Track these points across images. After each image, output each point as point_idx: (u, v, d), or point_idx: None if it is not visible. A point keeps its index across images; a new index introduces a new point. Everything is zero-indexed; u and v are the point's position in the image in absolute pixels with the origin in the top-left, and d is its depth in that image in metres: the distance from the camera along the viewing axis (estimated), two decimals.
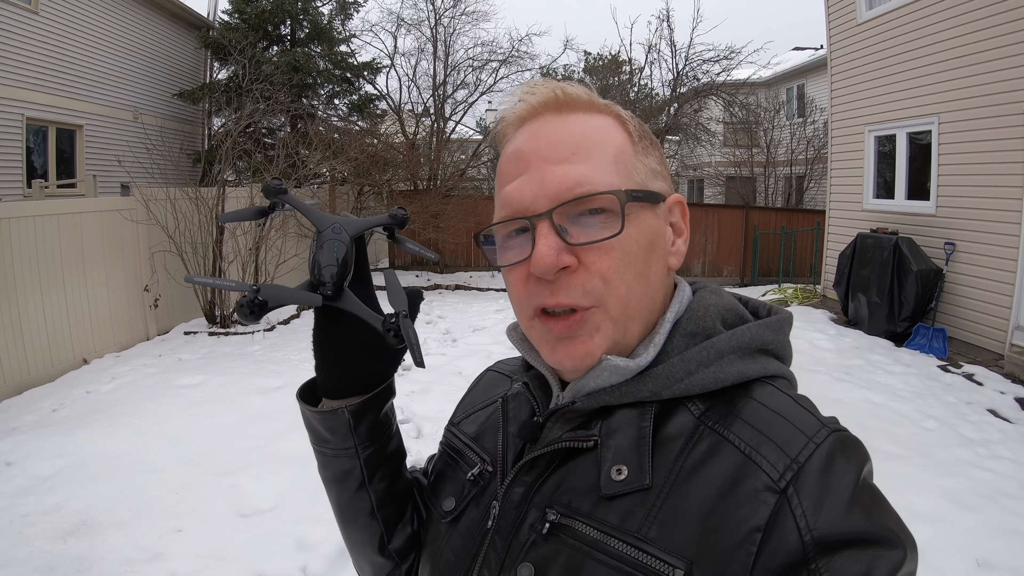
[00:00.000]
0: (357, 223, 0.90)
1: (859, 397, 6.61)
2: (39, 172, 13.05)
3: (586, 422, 0.82)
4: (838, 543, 0.63)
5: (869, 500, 0.68)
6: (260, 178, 11.95)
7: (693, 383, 0.77)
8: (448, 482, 0.99)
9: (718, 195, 24.20)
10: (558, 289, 0.77)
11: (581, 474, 0.78)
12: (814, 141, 20.24)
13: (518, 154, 0.82)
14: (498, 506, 0.85)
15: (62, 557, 4.02)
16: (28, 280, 7.60)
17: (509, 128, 0.87)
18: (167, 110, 16.95)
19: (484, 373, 1.17)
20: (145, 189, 9.80)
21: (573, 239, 0.77)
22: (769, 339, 0.82)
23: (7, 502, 4.59)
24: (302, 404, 0.97)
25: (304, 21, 18.60)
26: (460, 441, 1.03)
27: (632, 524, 0.71)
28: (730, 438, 0.72)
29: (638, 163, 0.83)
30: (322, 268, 0.84)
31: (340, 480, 0.98)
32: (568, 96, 0.83)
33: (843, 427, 0.73)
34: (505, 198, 0.82)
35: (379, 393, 0.95)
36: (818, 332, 9.20)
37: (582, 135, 0.81)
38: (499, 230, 0.84)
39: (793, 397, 0.77)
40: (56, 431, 5.73)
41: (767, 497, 0.66)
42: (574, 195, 0.77)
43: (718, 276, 17.01)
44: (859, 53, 10.41)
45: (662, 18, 21.48)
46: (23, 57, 12.28)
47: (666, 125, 20.83)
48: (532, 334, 0.84)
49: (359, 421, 0.94)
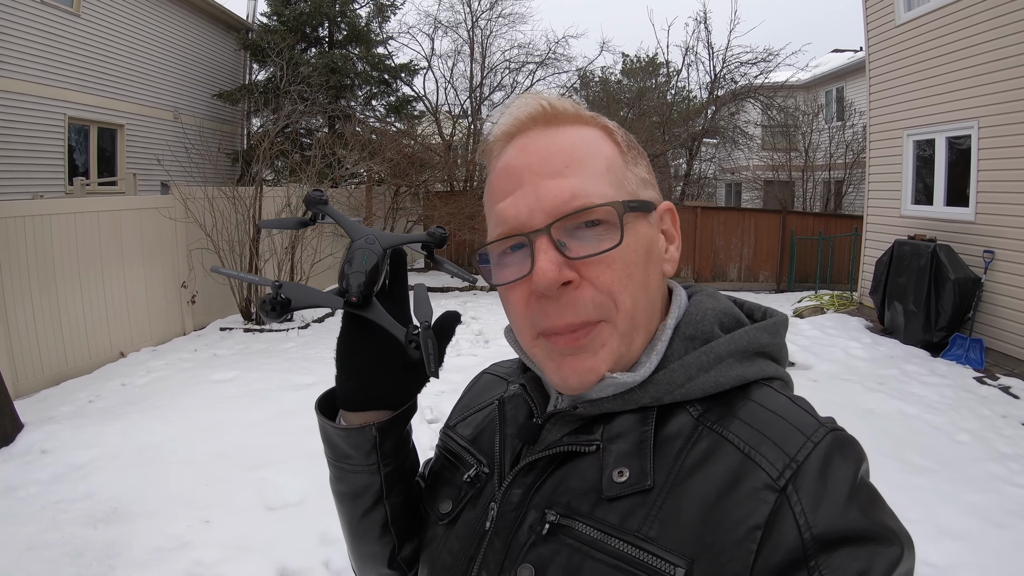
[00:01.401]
0: (392, 237, 0.89)
1: (892, 408, 6.51)
2: (81, 170, 13.31)
3: (586, 425, 0.82)
4: (837, 540, 0.64)
5: (867, 498, 0.68)
6: (297, 178, 12.08)
7: (694, 387, 0.77)
8: (445, 484, 0.99)
9: (756, 199, 23.95)
10: (564, 308, 0.77)
11: (581, 476, 0.78)
12: (853, 145, 19.80)
13: (510, 169, 0.82)
14: (496, 507, 0.84)
15: (92, 543, 4.14)
16: (68, 275, 7.80)
17: (497, 143, 0.86)
18: (206, 110, 17.24)
19: (479, 376, 1.17)
20: (184, 188, 10.02)
21: (573, 253, 0.76)
22: (766, 342, 0.82)
23: (41, 488, 4.74)
24: (323, 420, 0.95)
25: (342, 23, 18.82)
26: (456, 444, 1.02)
27: (633, 524, 0.71)
28: (729, 438, 0.73)
29: (628, 173, 0.84)
30: (349, 275, 0.83)
31: (358, 495, 0.97)
32: (556, 109, 0.83)
33: (840, 427, 0.74)
34: (500, 215, 0.81)
35: (406, 410, 0.94)
36: (853, 340, 9.07)
37: (573, 148, 0.80)
38: (495, 248, 0.83)
39: (790, 398, 0.77)
40: (91, 421, 5.88)
41: (767, 495, 0.67)
42: (571, 208, 0.76)
43: (754, 281, 16.81)
44: (898, 55, 10.22)
45: (699, 20, 21.50)
46: (65, 58, 12.56)
47: (703, 128, 20.70)
48: (536, 353, 0.83)
49: (385, 439, 0.92)
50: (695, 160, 22.30)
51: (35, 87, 11.89)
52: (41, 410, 6.43)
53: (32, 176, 11.88)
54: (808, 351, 8.46)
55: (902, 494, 4.52)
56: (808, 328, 9.66)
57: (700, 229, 16.68)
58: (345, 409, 0.93)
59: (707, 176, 24.85)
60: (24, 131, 11.74)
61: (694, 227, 16.66)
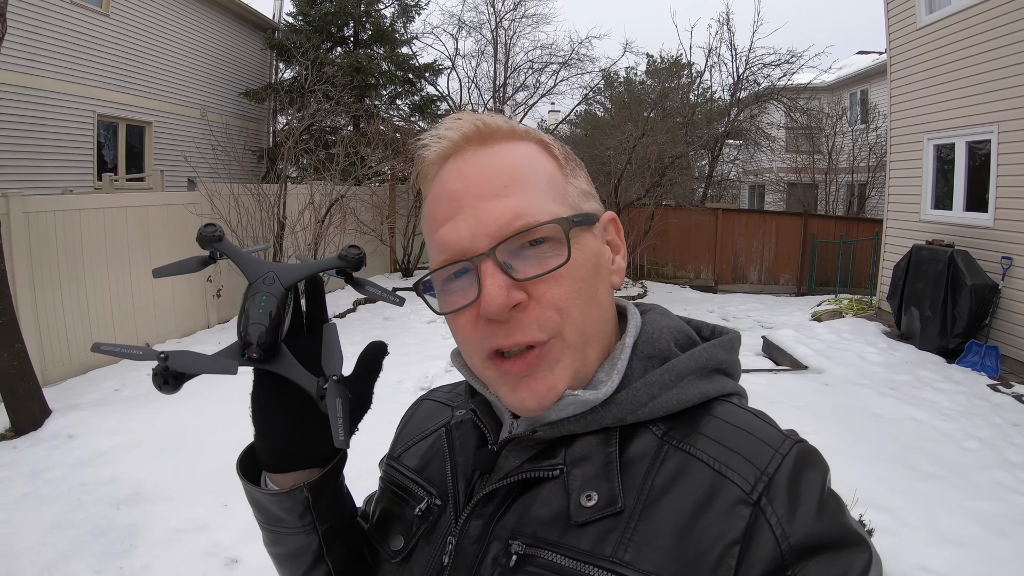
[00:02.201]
0: (295, 271, 0.81)
1: (902, 413, 6.48)
2: (109, 166, 13.62)
3: (547, 450, 0.80)
4: (813, 548, 0.65)
5: (836, 506, 0.70)
6: (321, 176, 12.27)
7: (657, 406, 0.77)
8: (394, 520, 0.93)
9: (779, 202, 23.74)
10: (513, 329, 0.75)
11: (545, 503, 0.76)
12: (876, 148, 19.53)
13: (448, 194, 0.79)
14: (455, 541, 0.80)
15: (115, 523, 4.35)
16: (96, 267, 8.04)
17: (431, 167, 0.83)
18: (233, 108, 17.47)
19: (419, 403, 1.11)
20: (210, 184, 10.28)
21: (520, 274, 0.75)
22: (724, 358, 0.83)
23: (67, 472, 4.97)
24: (248, 485, 0.88)
25: (367, 23, 19.00)
26: (403, 476, 0.97)
27: (606, 548, 0.69)
28: (698, 455, 0.72)
29: (569, 186, 0.82)
30: (248, 326, 0.75)
31: (296, 556, 0.91)
32: (489, 127, 0.81)
33: (803, 438, 0.74)
34: (441, 241, 0.78)
35: (338, 462, 0.89)
36: (869, 345, 9.03)
37: (512, 166, 0.78)
38: (438, 275, 0.80)
39: (753, 412, 0.78)
40: (116, 409, 6.09)
41: (741, 510, 0.67)
42: (515, 229, 0.74)
43: (774, 284, 16.75)
44: (919, 59, 10.13)
45: (722, 21, 21.48)
46: (95, 57, 12.81)
47: (726, 129, 20.65)
48: (488, 375, 0.81)
49: (318, 497, 0.87)
50: (717, 161, 22.21)
51: (65, 85, 12.13)
52: (68, 397, 6.66)
53: (62, 172, 12.12)
54: (822, 355, 8.46)
55: (905, 499, 4.55)
56: (824, 332, 9.64)
57: (721, 231, 16.66)
58: (269, 472, 0.87)
59: (730, 178, 24.77)
60: (55, 128, 11.98)
61: (715, 229, 16.66)
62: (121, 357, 0.75)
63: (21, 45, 10.58)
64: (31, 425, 5.79)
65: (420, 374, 7.54)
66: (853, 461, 5.07)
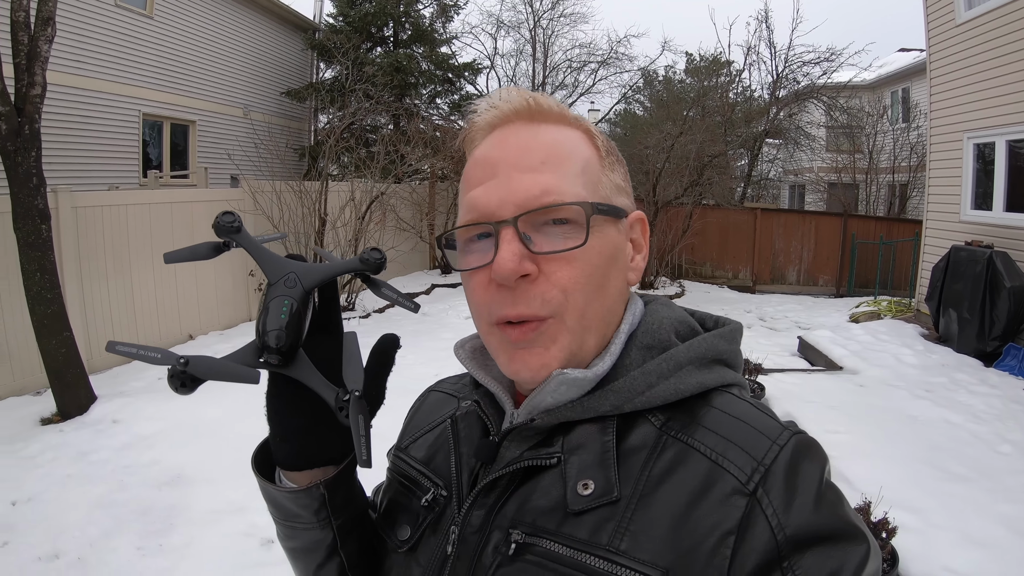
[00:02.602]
0: (317, 273, 0.80)
1: (936, 415, 6.39)
2: (154, 163, 13.94)
3: (546, 439, 0.81)
4: (809, 540, 0.65)
5: (834, 498, 0.70)
6: (361, 174, 12.45)
7: (654, 395, 0.77)
8: (401, 510, 0.94)
9: (819, 202, 23.44)
10: (518, 299, 0.77)
11: (544, 492, 0.77)
12: (918, 148, 19.10)
13: (487, 159, 0.81)
14: (457, 531, 0.82)
15: (156, 503, 4.54)
16: (142, 261, 8.28)
17: (478, 133, 0.86)
18: (275, 107, 17.71)
19: (426, 394, 1.13)
20: (253, 181, 10.51)
21: (536, 247, 0.77)
22: (724, 349, 0.84)
23: (111, 454, 5.18)
24: (264, 483, 0.89)
25: (406, 23, 19.18)
26: (410, 467, 0.98)
27: (603, 538, 0.70)
28: (695, 446, 0.73)
29: (604, 178, 0.84)
30: (267, 332, 0.74)
31: (310, 550, 0.92)
32: (540, 106, 0.83)
33: (802, 430, 0.75)
34: (470, 202, 0.81)
35: (352, 460, 0.89)
36: (905, 347, 8.90)
37: (552, 145, 0.81)
38: (461, 234, 0.83)
39: (751, 403, 0.79)
40: (159, 397, 6.30)
41: (737, 500, 0.67)
42: (540, 204, 0.77)
43: (813, 285, 16.54)
44: (958, 56, 9.93)
45: (761, 19, 21.28)
46: (139, 58, 13.09)
47: (765, 128, 20.46)
48: (491, 341, 0.83)
49: (334, 494, 0.88)
50: (757, 161, 22.01)
51: (111, 85, 12.42)
52: (113, 385, 6.90)
53: (108, 169, 12.41)
54: (858, 356, 8.37)
55: (934, 500, 4.51)
56: (861, 333, 9.54)
57: (760, 231, 16.51)
58: (285, 470, 0.87)
59: (770, 178, 24.53)
60: (101, 126, 12.26)
61: (753, 229, 16.51)
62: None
63: (69, 47, 10.84)
64: (77, 410, 6.02)
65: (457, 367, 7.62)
66: (884, 462, 5.05)
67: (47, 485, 4.78)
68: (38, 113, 5.81)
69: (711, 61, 22.11)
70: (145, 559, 3.97)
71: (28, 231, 5.80)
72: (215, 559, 3.95)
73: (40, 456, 5.26)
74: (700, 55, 23.13)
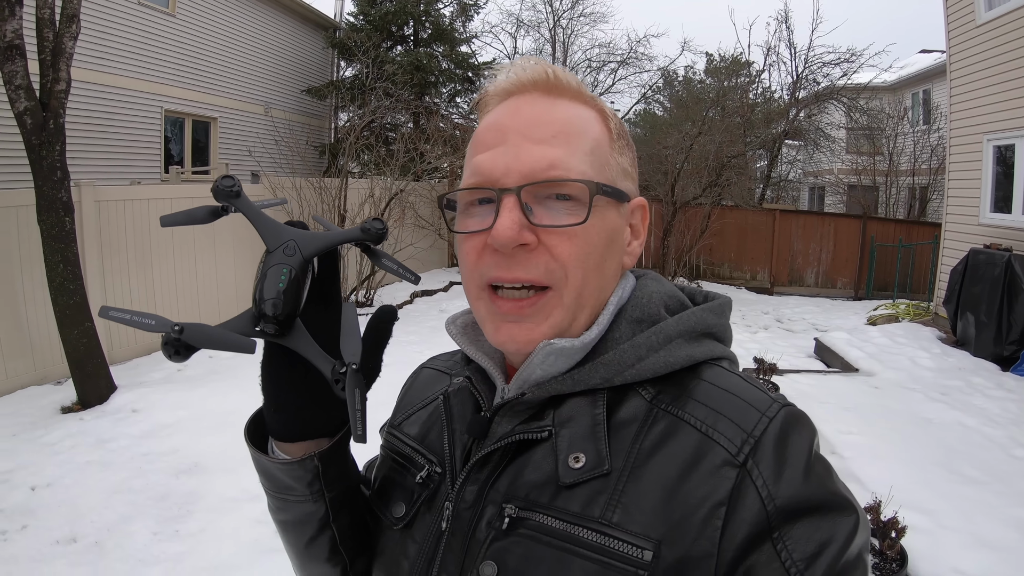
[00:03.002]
0: (317, 241, 0.78)
1: (951, 418, 6.35)
2: (176, 159, 14.04)
3: (537, 413, 0.81)
4: (799, 511, 0.66)
5: (822, 470, 0.71)
6: (381, 171, 12.54)
7: (644, 368, 0.78)
8: (396, 488, 0.94)
9: (838, 204, 23.28)
10: (515, 264, 0.77)
11: (536, 466, 0.77)
12: (938, 150, 18.80)
13: (498, 125, 0.81)
14: (451, 506, 0.82)
15: (174, 490, 4.63)
16: (163, 255, 8.40)
17: (493, 99, 0.86)
18: (296, 105, 17.82)
19: (418, 371, 1.13)
20: (273, 178, 10.66)
21: (536, 219, 0.77)
22: (713, 322, 0.84)
23: (131, 442, 5.28)
24: (257, 454, 0.88)
25: (426, 22, 19.28)
26: (404, 444, 0.98)
27: (595, 510, 0.71)
28: (686, 418, 0.73)
29: (612, 160, 0.84)
30: (264, 300, 0.72)
31: (302, 523, 0.92)
32: (559, 80, 0.83)
33: (791, 403, 0.75)
34: (476, 166, 0.81)
35: (346, 433, 0.89)
36: (922, 350, 8.84)
37: (565, 121, 0.80)
38: (463, 196, 0.83)
39: (741, 376, 0.80)
40: (179, 387, 6.41)
41: (728, 472, 0.68)
42: (546, 177, 0.77)
43: (831, 288, 16.39)
44: (978, 57, 9.81)
45: (780, 19, 21.20)
46: (162, 55, 13.22)
47: (785, 129, 20.36)
48: (479, 307, 0.83)
49: (328, 466, 0.87)
50: (776, 162, 21.88)
51: (134, 82, 12.55)
52: (133, 375, 7.02)
53: (131, 164, 12.55)
54: (874, 358, 8.34)
55: (945, 502, 4.50)
56: (878, 336, 9.49)
57: (778, 232, 16.40)
58: (279, 441, 0.86)
59: (789, 179, 24.38)
60: (123, 123, 12.39)
61: (772, 230, 16.39)
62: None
63: (92, 44, 10.96)
64: (97, 399, 6.13)
65: None
66: (897, 463, 5.04)
67: (66, 471, 4.87)
68: (63, 108, 5.93)
69: (731, 61, 22.00)
70: (161, 544, 4.04)
71: (52, 223, 5.91)
72: (230, 545, 4.02)
73: (60, 443, 5.35)
74: (720, 55, 23.09)
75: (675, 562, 0.66)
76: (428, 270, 15.38)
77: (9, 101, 5.68)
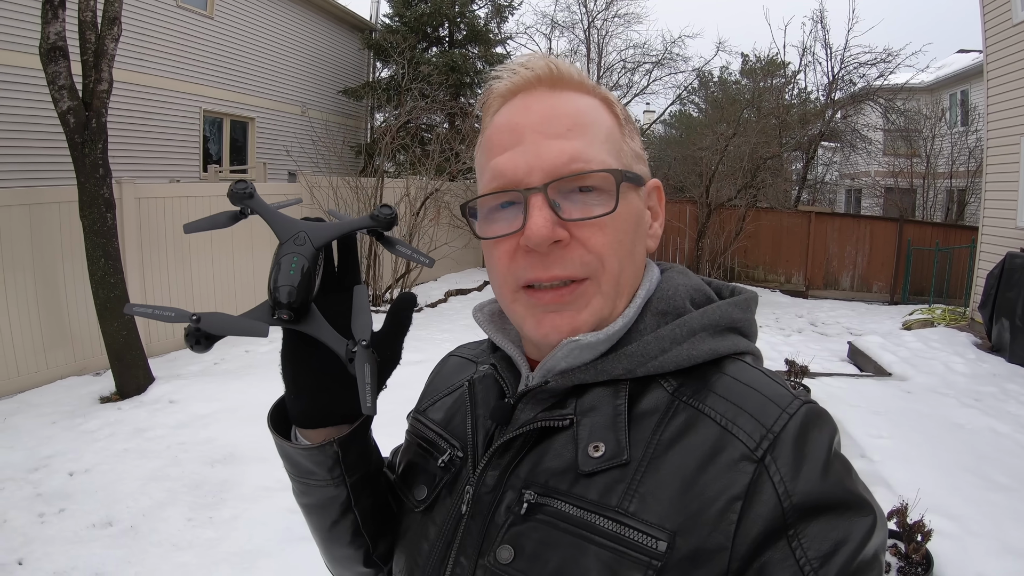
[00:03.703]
0: (327, 230, 0.82)
1: (983, 424, 6.25)
2: (214, 158, 14.34)
3: (559, 401, 0.82)
4: (815, 509, 0.66)
5: (841, 468, 0.70)
6: (416, 171, 12.67)
7: (667, 360, 0.78)
8: (418, 471, 0.96)
9: (875, 207, 22.93)
10: (552, 262, 0.77)
11: (556, 453, 0.78)
12: (976, 152, 18.49)
13: (511, 125, 0.81)
14: (472, 490, 0.83)
15: (208, 478, 4.75)
16: (201, 251, 8.61)
17: (498, 99, 0.86)
18: (332, 105, 18.01)
19: (446, 359, 1.15)
20: (310, 177, 10.83)
21: (566, 214, 0.77)
22: (738, 317, 0.84)
23: (167, 432, 5.43)
24: (279, 440, 0.90)
25: (461, 24, 19.37)
26: (428, 429, 1.00)
27: (612, 499, 0.71)
28: (706, 411, 0.73)
29: (625, 145, 0.84)
30: (278, 288, 0.75)
31: (324, 507, 0.94)
32: (561, 73, 0.83)
33: (813, 399, 0.75)
34: (496, 168, 0.80)
35: (366, 418, 0.90)
36: (956, 356, 8.70)
37: (576, 113, 0.80)
38: (486, 202, 0.83)
39: (763, 371, 0.79)
40: (215, 380, 6.58)
41: (745, 466, 0.68)
42: (570, 171, 0.77)
43: (867, 292, 16.16)
44: (1015, 56, 9.62)
45: (816, 19, 20.86)
46: (201, 57, 13.46)
47: (821, 131, 20.13)
48: (515, 308, 0.83)
49: (347, 452, 0.88)
50: (812, 164, 21.63)
51: (173, 83, 12.79)
52: (171, 368, 7.21)
53: (170, 163, 12.80)
54: (907, 363, 8.23)
55: (973, 508, 4.45)
56: (912, 340, 9.36)
57: (813, 235, 16.23)
58: (299, 427, 0.89)
59: (825, 181, 24.09)
60: (163, 122, 12.63)
61: (807, 233, 16.24)
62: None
63: (132, 46, 11.14)
64: (135, 390, 6.30)
65: None
66: (925, 468, 4.99)
67: (104, 458, 5.02)
68: (105, 108, 6.11)
69: (767, 62, 21.79)
70: (194, 529, 4.16)
71: (94, 218, 6.09)
72: (262, 532, 4.11)
73: (98, 431, 5.52)
74: (755, 56, 22.90)
75: (689, 554, 0.66)
76: (463, 269, 15.52)
77: (53, 101, 5.87)
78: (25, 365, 6.72)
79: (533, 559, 0.73)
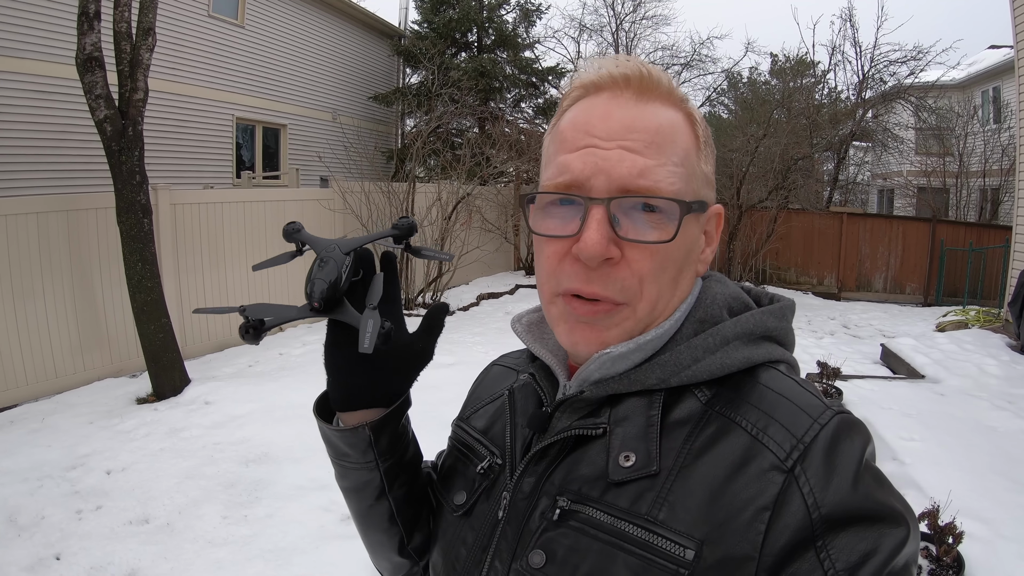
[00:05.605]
0: (353, 241, 0.91)
1: (1016, 427, 6.13)
2: (247, 165, 14.58)
3: (595, 410, 0.83)
4: (845, 520, 0.65)
5: (873, 479, 0.70)
6: (447, 175, 12.79)
7: (700, 370, 0.78)
8: (459, 476, 0.99)
9: (908, 207, 22.50)
10: (595, 278, 0.77)
11: (590, 461, 0.79)
12: (1009, 150, 17.94)
13: (589, 126, 0.79)
14: (509, 496, 0.85)
15: (243, 477, 4.85)
16: (236, 255, 8.76)
17: (583, 91, 0.84)
18: (363, 111, 18.18)
19: (489, 367, 1.17)
20: (342, 182, 10.99)
21: (623, 232, 0.76)
22: (772, 326, 0.83)
23: (203, 432, 5.54)
24: (320, 421, 0.96)
25: (489, 29, 19.47)
26: (469, 436, 1.02)
27: (642, 507, 0.72)
28: (737, 420, 0.73)
29: (698, 169, 0.83)
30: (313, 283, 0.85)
31: (359, 490, 0.99)
32: (652, 79, 0.81)
33: (847, 409, 0.74)
34: (565, 163, 0.79)
35: (398, 406, 0.94)
36: (990, 357, 8.57)
37: (657, 129, 0.78)
38: (546, 196, 0.82)
39: (797, 380, 0.79)
40: (250, 381, 6.70)
41: (775, 476, 0.68)
42: (637, 188, 0.76)
43: (900, 293, 15.91)
44: None
45: (844, 18, 20.62)
46: (233, 65, 13.69)
47: (852, 131, 19.90)
48: (552, 310, 0.84)
49: (379, 436, 0.93)
50: (844, 164, 21.38)
51: (206, 91, 13.00)
52: (206, 370, 7.36)
53: (204, 169, 13.02)
54: (940, 365, 8.13)
55: (1005, 512, 4.40)
56: (945, 342, 9.22)
57: (845, 236, 16.02)
58: (337, 410, 0.94)
59: (857, 181, 23.79)
60: (197, 130, 12.87)
61: (839, 234, 16.03)
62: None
63: (166, 56, 11.32)
64: (172, 391, 6.44)
65: None
66: (957, 470, 4.93)
67: (140, 457, 5.15)
68: (141, 116, 6.26)
69: (796, 62, 21.58)
70: (229, 527, 4.24)
71: (131, 224, 6.24)
72: (295, 530, 4.18)
73: (135, 431, 5.65)
74: (784, 55, 22.68)
75: (716, 563, 0.67)
76: (494, 273, 15.55)
77: (90, 110, 6.04)
78: (63, 367, 6.88)
79: (563, 564, 0.75)
